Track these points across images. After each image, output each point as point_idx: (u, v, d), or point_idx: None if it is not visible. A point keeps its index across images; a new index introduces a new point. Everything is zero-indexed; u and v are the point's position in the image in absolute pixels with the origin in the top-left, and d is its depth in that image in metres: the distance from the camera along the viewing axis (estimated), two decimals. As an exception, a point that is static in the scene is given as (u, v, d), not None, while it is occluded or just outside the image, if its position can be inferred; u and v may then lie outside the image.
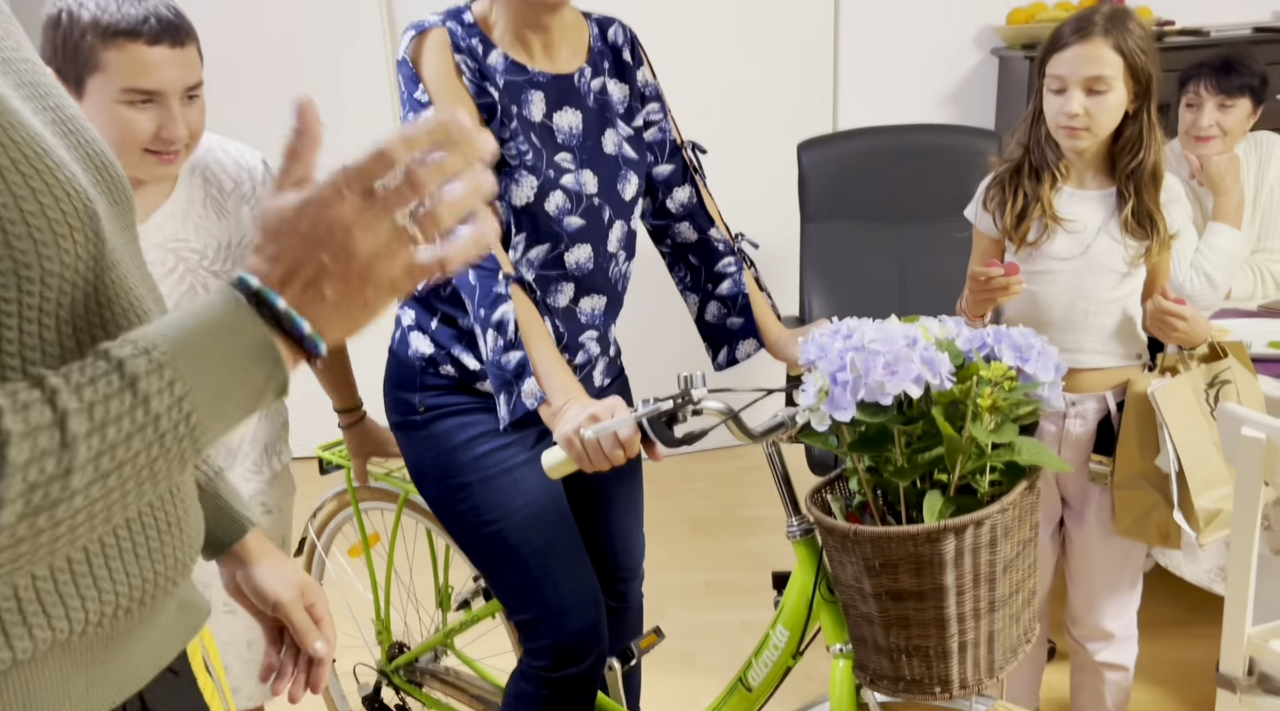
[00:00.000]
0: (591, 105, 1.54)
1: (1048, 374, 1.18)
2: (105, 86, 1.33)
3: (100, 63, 1.32)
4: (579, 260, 1.53)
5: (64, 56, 1.32)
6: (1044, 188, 1.81)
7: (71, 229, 0.63)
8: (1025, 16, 3.18)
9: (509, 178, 1.44)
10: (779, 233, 3.30)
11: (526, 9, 1.43)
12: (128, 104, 1.34)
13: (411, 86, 1.42)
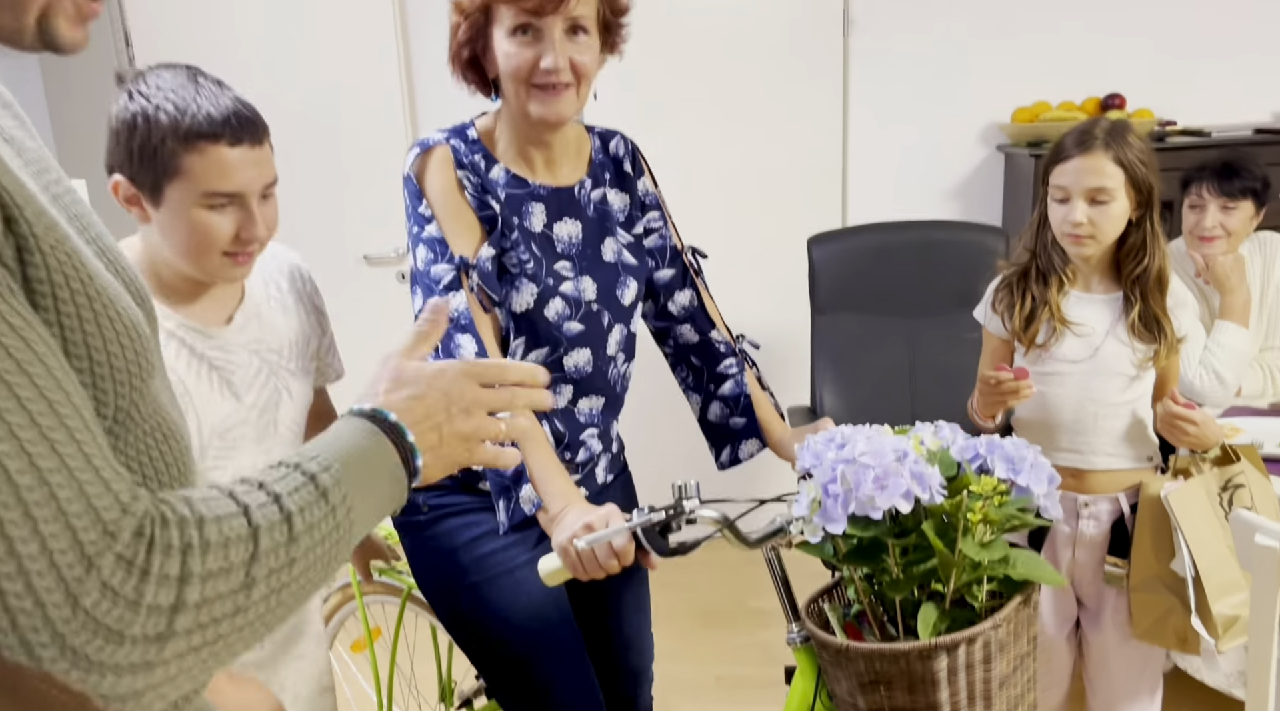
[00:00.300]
0: (591, 215, 1.59)
1: (1040, 485, 1.19)
2: (186, 191, 1.28)
3: (182, 168, 1.27)
4: (578, 363, 1.56)
5: (140, 164, 1.27)
6: (1051, 291, 1.84)
7: (141, 367, 0.72)
8: (1029, 116, 3.25)
9: (509, 285, 1.48)
10: (790, 324, 3.33)
11: (529, 128, 1.49)
12: (208, 208, 1.30)
13: (416, 201, 1.47)
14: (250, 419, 1.43)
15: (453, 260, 1.43)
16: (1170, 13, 3.29)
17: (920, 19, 3.32)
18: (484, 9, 1.42)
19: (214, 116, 1.27)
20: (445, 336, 1.44)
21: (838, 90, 3.36)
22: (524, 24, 1.39)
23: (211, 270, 1.35)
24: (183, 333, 1.37)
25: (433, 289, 1.44)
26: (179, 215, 1.29)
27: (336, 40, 3.31)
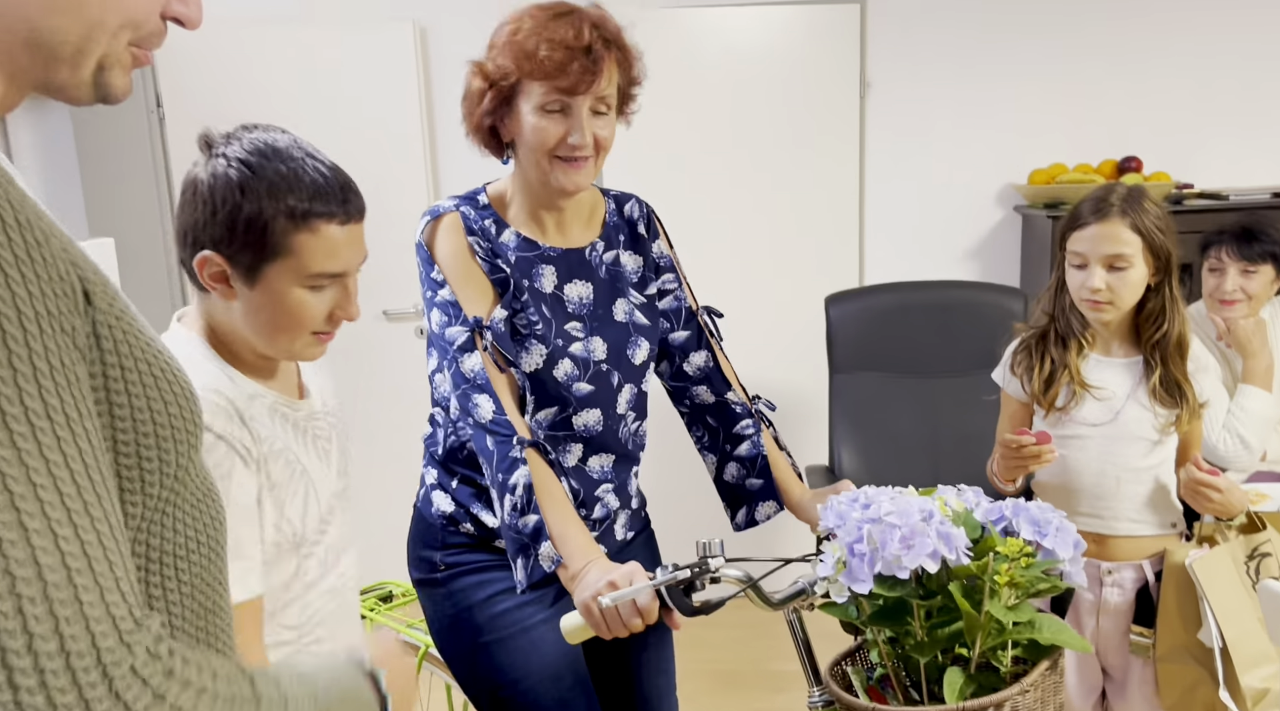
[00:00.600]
0: (603, 276, 1.60)
1: (1066, 550, 1.18)
2: (291, 271, 1.17)
3: (291, 247, 1.16)
4: (587, 423, 1.56)
5: (243, 241, 1.15)
6: (1071, 354, 1.83)
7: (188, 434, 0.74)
8: (1046, 177, 3.27)
9: (520, 346, 1.50)
10: (808, 382, 3.34)
11: (546, 194, 1.52)
12: (309, 288, 1.19)
13: (428, 267, 1.50)
14: (340, 488, 1.36)
15: (466, 322, 1.45)
16: (1186, 76, 3.33)
17: (936, 81, 3.37)
18: (508, 81, 1.44)
19: (326, 192, 1.17)
20: (462, 396, 1.45)
21: (854, 150, 3.40)
22: (555, 102, 1.42)
23: (294, 350, 1.24)
24: (282, 408, 1.26)
25: (447, 350, 1.46)
26: (276, 296, 1.17)
27: (360, 99, 3.38)
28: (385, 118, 3.40)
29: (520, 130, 1.46)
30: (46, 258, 0.61)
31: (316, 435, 1.31)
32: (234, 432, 1.15)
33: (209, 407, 1.13)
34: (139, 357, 0.69)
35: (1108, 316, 1.80)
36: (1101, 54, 3.33)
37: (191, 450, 0.75)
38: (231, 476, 1.14)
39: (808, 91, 3.36)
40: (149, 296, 3.50)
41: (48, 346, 0.60)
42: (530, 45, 1.40)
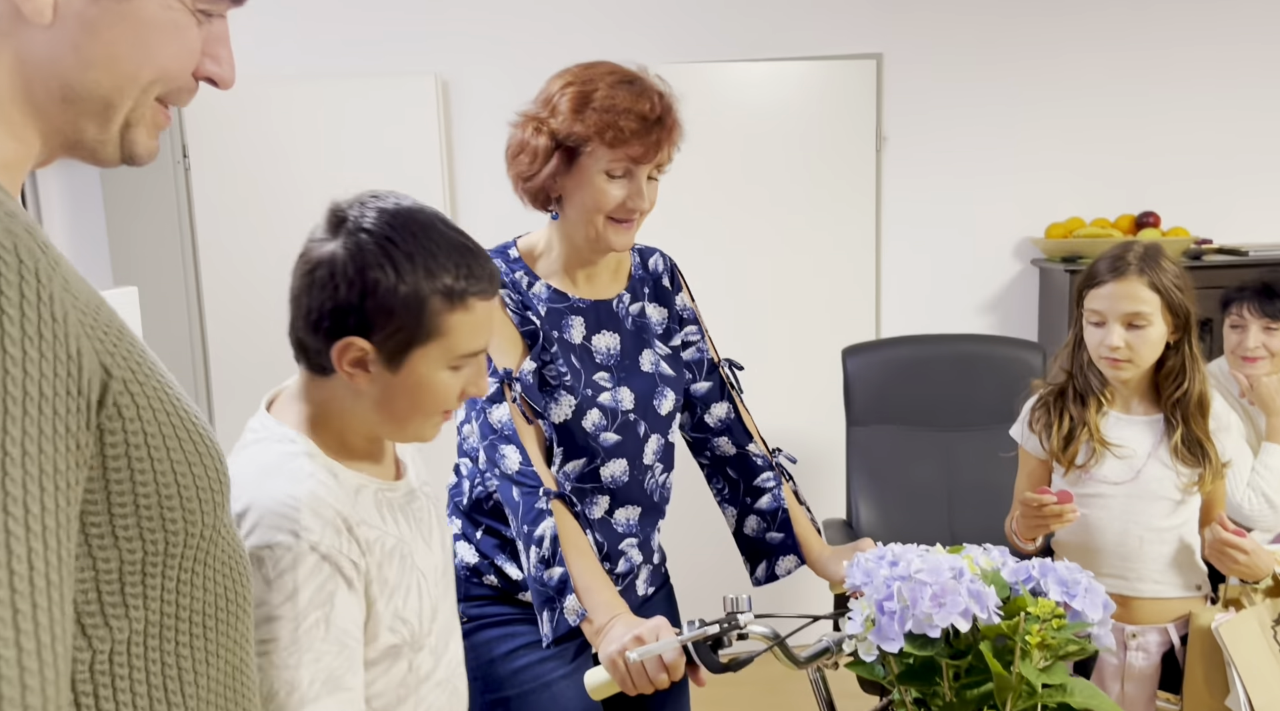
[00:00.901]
0: (629, 327, 1.62)
1: (1096, 611, 1.16)
2: (440, 353, 1.08)
3: (444, 329, 1.07)
4: (614, 474, 1.56)
5: (395, 326, 1.05)
6: (1090, 411, 1.82)
7: (220, 484, 0.76)
8: (1063, 231, 3.29)
9: (549, 397, 1.51)
10: (825, 435, 3.33)
11: (589, 250, 1.54)
12: (453, 369, 1.11)
13: None
14: (442, 567, 1.23)
15: (495, 373, 1.46)
16: (1205, 131, 3.36)
17: (952, 135, 3.40)
18: (577, 144, 1.45)
19: (475, 267, 1.08)
20: (490, 447, 1.45)
21: (870, 203, 3.42)
22: (622, 168, 1.46)
23: (417, 432, 1.15)
24: (385, 494, 1.15)
25: (476, 401, 1.46)
26: (420, 379, 1.08)
27: (383, 152, 3.43)
28: (407, 170, 3.44)
29: (579, 190, 1.48)
30: (58, 336, 0.62)
31: (417, 517, 1.19)
32: (341, 548, 1.04)
33: (316, 522, 1.03)
34: (163, 421, 0.70)
35: (1127, 374, 1.79)
36: (1119, 108, 3.37)
37: (219, 508, 0.76)
38: (334, 601, 1.03)
39: (824, 145, 3.39)
40: (172, 346, 3.53)
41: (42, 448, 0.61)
42: (609, 115, 1.42)
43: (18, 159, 0.70)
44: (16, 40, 0.67)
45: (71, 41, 0.68)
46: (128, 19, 0.69)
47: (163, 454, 0.70)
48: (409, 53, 3.43)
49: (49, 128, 0.71)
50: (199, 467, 0.73)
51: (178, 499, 0.72)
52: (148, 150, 0.76)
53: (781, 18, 3.37)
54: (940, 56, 3.37)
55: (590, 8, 3.39)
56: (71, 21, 0.68)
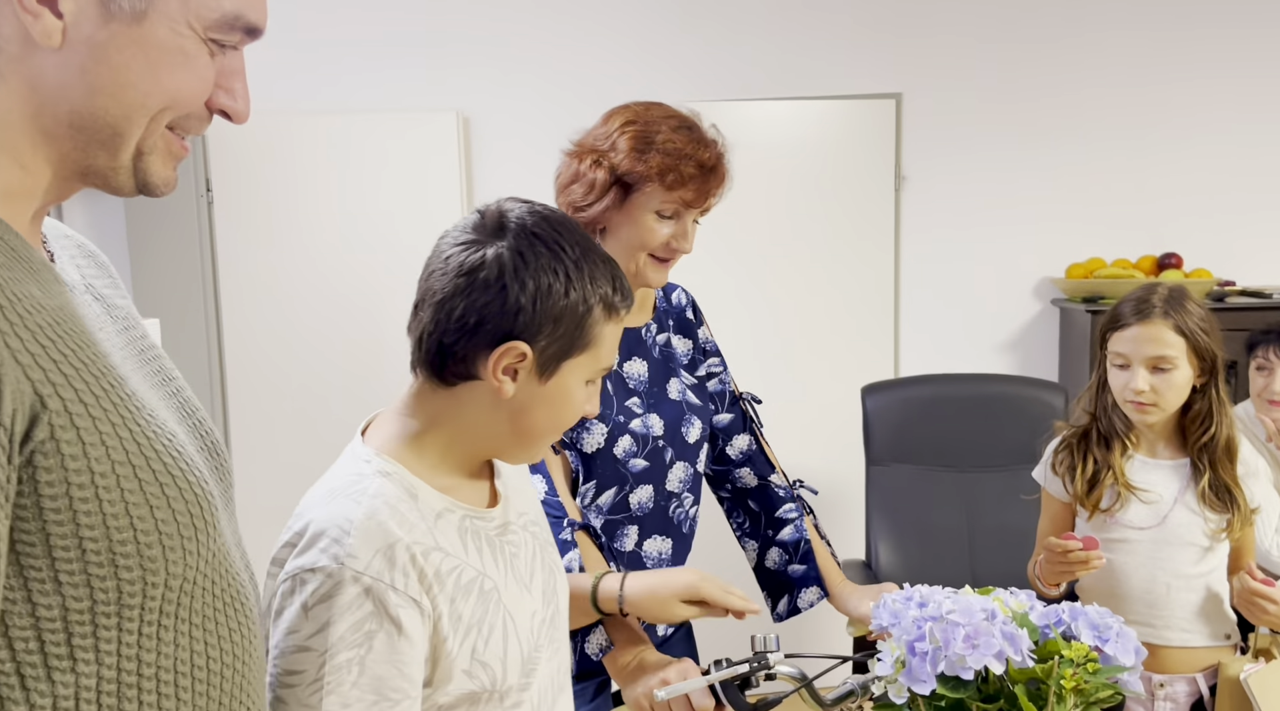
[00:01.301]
0: (656, 356, 1.63)
1: (1128, 656, 1.14)
2: (586, 364, 1.07)
3: (595, 339, 1.06)
4: (641, 501, 1.56)
5: (560, 332, 1.03)
6: (1115, 455, 1.79)
7: (195, 530, 0.70)
8: (1084, 272, 3.28)
9: (580, 428, 1.50)
10: (843, 473, 3.30)
11: (632, 282, 1.53)
12: (589, 384, 1.10)
13: None
14: (547, 618, 1.12)
15: None
16: (1229, 171, 3.36)
17: (971, 174, 3.41)
18: (634, 182, 1.47)
19: (623, 282, 1.08)
20: None
21: (890, 241, 3.43)
22: (673, 209, 1.49)
23: (538, 450, 1.11)
24: (472, 521, 1.06)
25: None
26: (565, 391, 1.06)
27: (404, 187, 3.45)
28: (428, 205, 3.46)
29: (626, 226, 1.50)
30: None
31: (511, 552, 1.09)
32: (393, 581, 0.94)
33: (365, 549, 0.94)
34: (118, 459, 0.66)
35: (1152, 418, 1.77)
36: (1141, 148, 3.37)
37: (194, 557, 0.70)
38: (372, 644, 0.93)
39: (843, 184, 3.40)
40: (192, 378, 3.54)
41: None
42: (671, 158, 1.46)
43: (23, 188, 0.69)
44: (25, 66, 0.67)
45: (80, 66, 0.67)
46: (137, 44, 0.68)
47: (115, 494, 0.65)
48: (430, 89, 3.47)
49: (58, 155, 0.70)
50: (164, 510, 0.68)
51: (134, 544, 0.66)
52: (163, 180, 0.74)
53: (801, 57, 3.40)
54: (959, 96, 3.38)
55: (611, 47, 3.42)
56: (81, 46, 0.67)
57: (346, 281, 3.50)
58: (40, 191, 0.70)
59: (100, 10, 0.67)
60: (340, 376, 3.52)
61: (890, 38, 3.37)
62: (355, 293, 3.50)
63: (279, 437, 3.54)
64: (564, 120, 3.45)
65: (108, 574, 0.65)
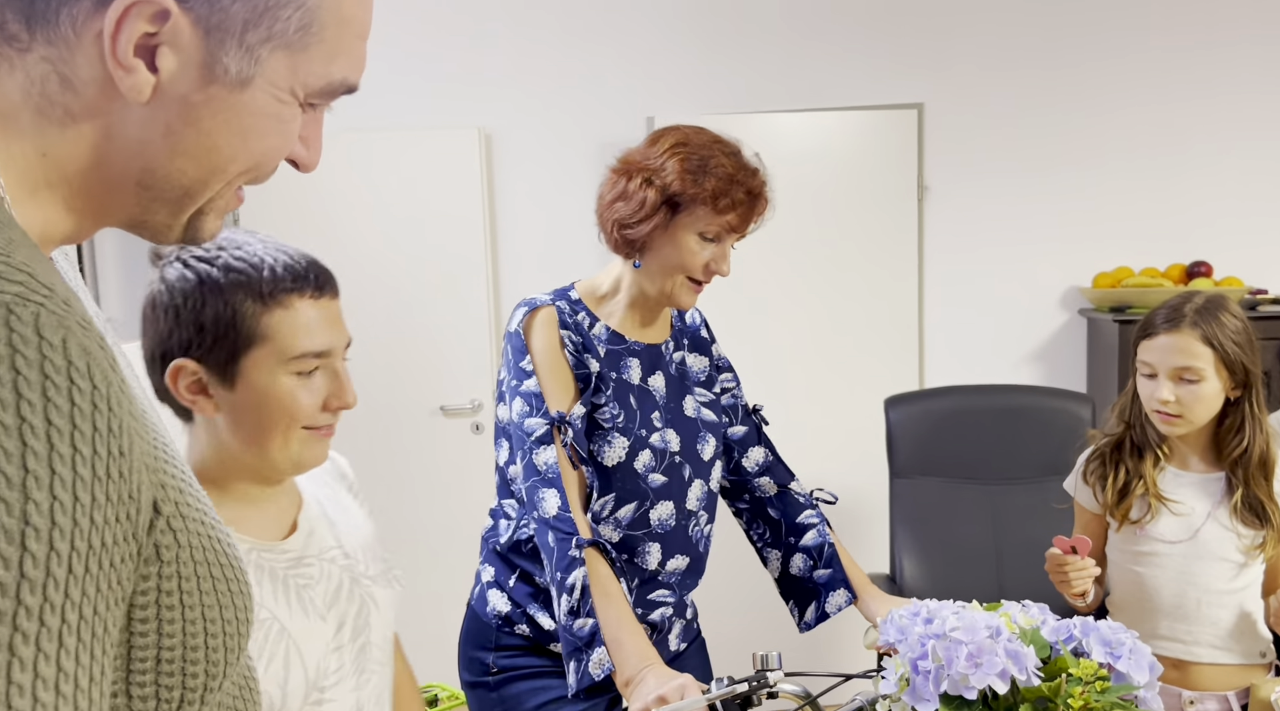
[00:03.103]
0: (673, 373, 1.65)
1: (1142, 674, 1.11)
2: (269, 359, 1.07)
3: (264, 331, 1.06)
4: (662, 517, 1.56)
5: (213, 339, 1.05)
6: (1146, 465, 1.76)
7: (246, 624, 0.68)
8: (1111, 281, 3.23)
9: (601, 440, 1.52)
10: (867, 486, 3.27)
11: (656, 301, 1.59)
12: (294, 374, 1.09)
13: (519, 356, 1.53)
14: (344, 646, 1.13)
15: (547, 415, 1.48)
16: (1260, 178, 3.29)
17: (995, 182, 3.38)
18: (679, 203, 1.50)
19: (292, 266, 1.09)
20: (531, 488, 1.45)
21: (913, 252, 3.39)
22: (715, 233, 1.52)
23: (291, 453, 1.11)
24: (255, 555, 1.09)
25: (524, 440, 1.47)
26: (260, 390, 1.07)
27: (427, 202, 3.47)
28: (450, 220, 3.48)
29: (668, 246, 1.52)
30: (124, 474, 0.55)
31: (300, 584, 1.11)
32: None
33: None
34: (199, 560, 0.62)
35: (1179, 430, 1.73)
36: (1169, 155, 3.31)
37: (240, 653, 0.68)
38: None
39: (865, 195, 3.38)
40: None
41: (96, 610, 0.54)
42: (724, 183, 1.49)
43: (62, 235, 0.64)
44: (102, 114, 0.61)
45: (165, 125, 0.62)
46: (233, 110, 0.63)
47: (195, 599, 0.62)
48: (452, 106, 3.49)
49: (117, 207, 0.65)
50: (230, 610, 0.65)
51: (203, 650, 0.63)
52: (212, 233, 0.69)
53: (821, 68, 3.38)
54: (981, 105, 3.35)
55: (630, 61, 3.43)
56: (172, 105, 0.61)
57: (369, 296, 3.52)
58: (69, 235, 0.65)
59: (202, 73, 0.61)
60: (362, 389, 3.54)
61: (911, 47, 3.35)
62: (378, 307, 3.52)
63: (304, 452, 3.56)
64: (584, 136, 3.50)
65: (175, 683, 0.62)
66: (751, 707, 1.23)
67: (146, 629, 0.59)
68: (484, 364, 3.53)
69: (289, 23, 0.63)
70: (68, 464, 0.52)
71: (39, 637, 0.50)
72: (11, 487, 0.50)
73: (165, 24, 0.59)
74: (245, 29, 0.61)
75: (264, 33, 0.62)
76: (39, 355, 0.52)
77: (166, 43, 0.60)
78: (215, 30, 0.61)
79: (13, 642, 0.49)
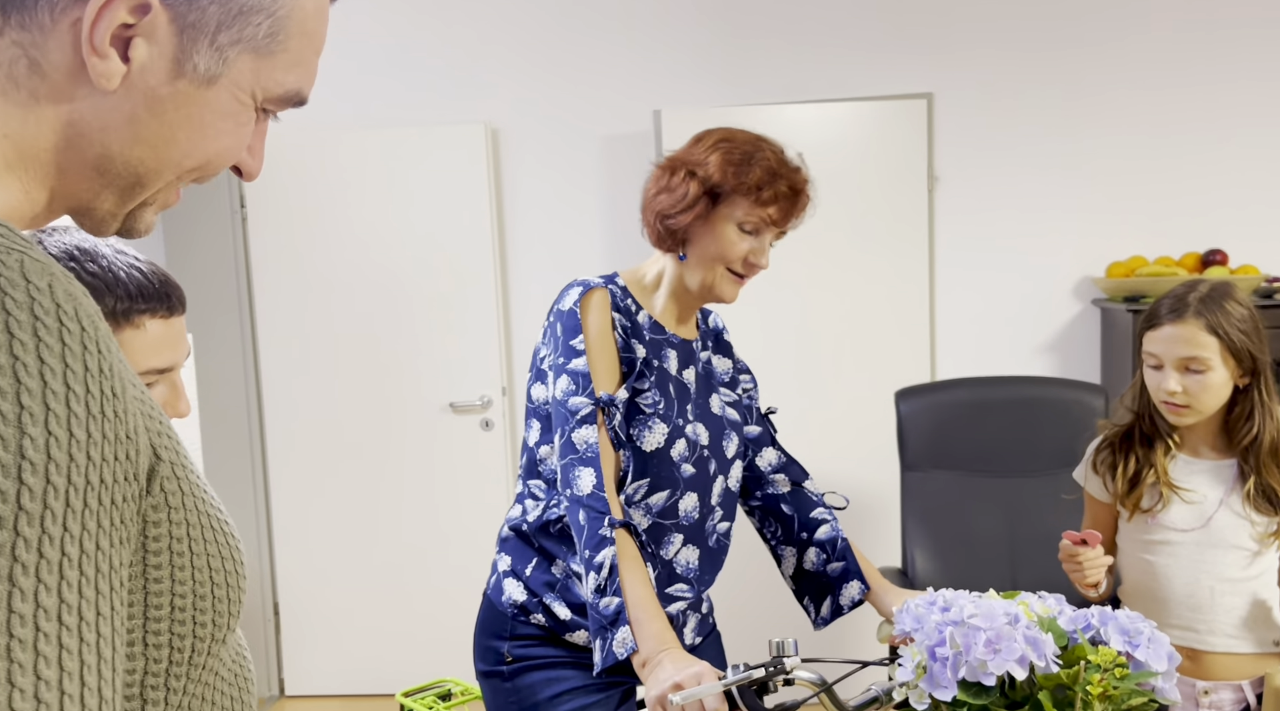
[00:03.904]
0: (702, 371, 1.67)
1: (1160, 662, 1.10)
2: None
3: None
4: (688, 509, 1.57)
5: None
6: (1157, 454, 1.75)
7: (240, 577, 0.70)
8: (1125, 270, 3.20)
9: (642, 425, 1.53)
10: (878, 479, 3.26)
11: (697, 295, 1.60)
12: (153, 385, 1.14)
13: (571, 334, 1.53)
14: None
15: (593, 395, 1.49)
16: (1273, 163, 3.26)
17: (1006, 172, 3.35)
18: (720, 194, 1.52)
19: (147, 288, 1.11)
20: (568, 465, 1.45)
21: (924, 243, 3.37)
22: (755, 225, 1.54)
23: None
24: None
25: (567, 417, 1.48)
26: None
27: (433, 198, 3.47)
28: (457, 215, 3.48)
29: (708, 236, 1.55)
30: (119, 414, 0.57)
31: None
32: None
33: None
34: (201, 510, 0.65)
35: (1188, 420, 1.71)
36: (1182, 142, 3.29)
37: (239, 605, 0.70)
38: None
39: (875, 186, 3.36)
40: (228, 394, 3.58)
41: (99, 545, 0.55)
42: (769, 175, 1.52)
43: (18, 214, 0.66)
44: (71, 103, 0.63)
45: (129, 114, 0.64)
46: (196, 105, 0.66)
47: (201, 547, 0.65)
48: (459, 102, 3.49)
49: (64, 191, 0.66)
50: (230, 562, 0.68)
51: (210, 599, 0.66)
52: (147, 227, 0.71)
53: (830, 59, 3.37)
54: (991, 95, 3.33)
55: (637, 54, 3.42)
56: (137, 95, 0.64)
57: (377, 292, 3.52)
58: (27, 219, 0.67)
59: (172, 67, 0.64)
60: (371, 386, 3.54)
61: (920, 37, 3.33)
62: (386, 303, 3.52)
63: (313, 447, 3.57)
64: (592, 130, 3.49)
65: (187, 631, 0.65)
66: (767, 694, 1.21)
67: (161, 574, 0.62)
68: (493, 360, 3.52)
69: (259, 28, 0.66)
70: (61, 400, 0.53)
71: (39, 569, 0.51)
72: (7, 424, 0.51)
73: (145, 17, 0.62)
74: (218, 29, 0.64)
75: (235, 35, 0.65)
76: (28, 297, 0.54)
77: (143, 35, 0.62)
78: (190, 28, 0.63)
79: (12, 573, 0.49)
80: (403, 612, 3.60)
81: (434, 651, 3.51)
